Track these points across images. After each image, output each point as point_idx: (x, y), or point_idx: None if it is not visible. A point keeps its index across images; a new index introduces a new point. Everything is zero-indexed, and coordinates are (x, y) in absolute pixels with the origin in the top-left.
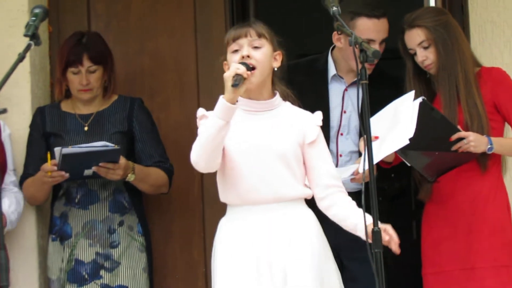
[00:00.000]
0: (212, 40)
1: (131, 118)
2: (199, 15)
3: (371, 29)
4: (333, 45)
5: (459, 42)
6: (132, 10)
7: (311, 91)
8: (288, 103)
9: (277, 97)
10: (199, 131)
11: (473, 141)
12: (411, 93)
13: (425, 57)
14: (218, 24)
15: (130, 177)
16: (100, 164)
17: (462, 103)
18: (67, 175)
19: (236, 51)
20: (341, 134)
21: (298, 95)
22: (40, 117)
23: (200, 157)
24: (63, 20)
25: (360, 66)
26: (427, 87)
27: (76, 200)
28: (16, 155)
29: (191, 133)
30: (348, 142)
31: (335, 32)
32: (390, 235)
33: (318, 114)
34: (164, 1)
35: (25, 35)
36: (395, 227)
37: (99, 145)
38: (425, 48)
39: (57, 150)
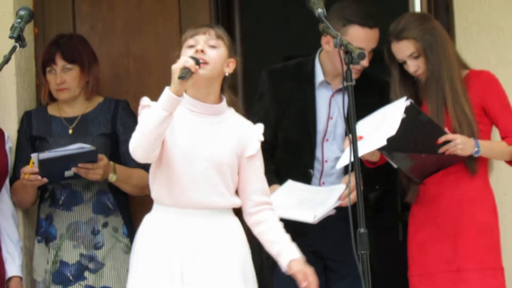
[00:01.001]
0: None
1: (115, 120)
2: (184, 17)
3: (362, 38)
4: (320, 49)
5: (445, 47)
6: (117, 12)
7: (298, 97)
8: (232, 110)
9: (223, 103)
10: (139, 119)
11: (460, 144)
12: (403, 99)
13: (417, 67)
14: None
15: (112, 177)
16: (79, 164)
17: (450, 110)
18: (44, 179)
19: (191, 46)
20: (327, 140)
21: (285, 101)
22: (26, 121)
23: (140, 146)
24: (48, 22)
25: (345, 68)
26: (413, 93)
27: (61, 202)
28: None
29: None
30: (333, 148)
31: (325, 37)
32: (309, 281)
33: (259, 127)
34: (149, 3)
35: (10, 37)
36: (381, 229)
37: (75, 147)
38: (416, 58)
39: (34, 156)
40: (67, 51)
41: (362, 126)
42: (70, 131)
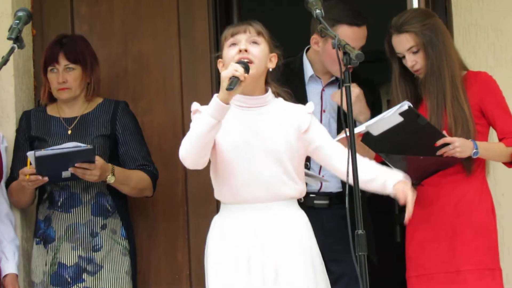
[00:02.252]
0: (195, 43)
1: (114, 121)
2: (182, 18)
3: (350, 37)
4: (307, 46)
5: (446, 45)
6: (115, 13)
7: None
8: (280, 99)
9: (269, 93)
10: (191, 125)
11: (459, 147)
12: (407, 102)
13: (415, 61)
14: (202, 27)
15: (110, 179)
16: (76, 164)
17: (448, 107)
18: (45, 178)
19: (233, 45)
20: None
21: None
22: (25, 121)
23: (189, 153)
24: (46, 23)
25: (343, 68)
26: (413, 89)
27: (59, 204)
28: None
29: (175, 136)
30: None
31: (314, 36)
32: (407, 199)
33: (310, 104)
34: (147, 4)
35: (9, 38)
36: (379, 231)
37: (71, 146)
38: (414, 53)
39: (30, 154)
40: (70, 51)
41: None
42: (69, 132)
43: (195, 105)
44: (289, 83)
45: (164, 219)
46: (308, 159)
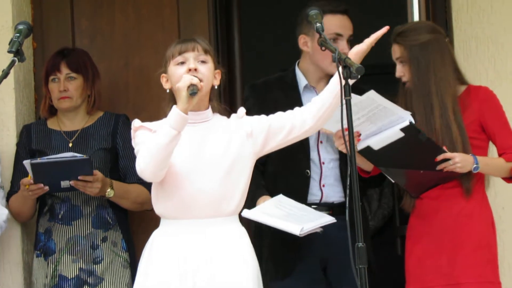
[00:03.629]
0: None
1: (115, 135)
2: (183, 31)
3: (337, 24)
4: (298, 60)
5: (437, 64)
6: (116, 26)
7: (285, 104)
8: (217, 114)
9: (210, 109)
10: (137, 140)
11: (459, 162)
12: (408, 117)
13: (402, 73)
14: None
15: (110, 193)
16: (79, 177)
17: (436, 123)
18: (46, 187)
19: (181, 63)
20: (321, 142)
21: (272, 110)
22: (26, 135)
23: (148, 165)
24: (47, 36)
25: (343, 82)
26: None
27: (60, 216)
28: (1, 171)
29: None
30: (328, 149)
31: (301, 36)
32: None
33: (240, 109)
34: (148, 17)
35: (9, 52)
36: (379, 243)
37: (67, 155)
38: (403, 64)
39: (26, 163)
40: (72, 60)
41: (362, 120)
42: (70, 145)
43: (137, 122)
44: (283, 93)
45: None
46: (308, 168)
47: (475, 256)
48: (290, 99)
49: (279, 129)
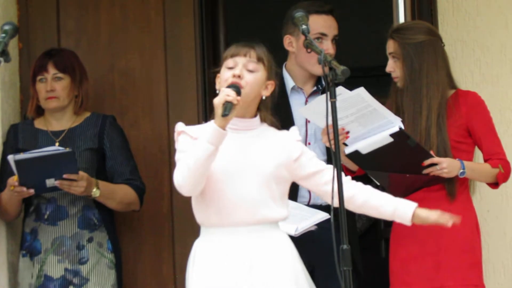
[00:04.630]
0: (181, 59)
1: (102, 135)
2: (168, 33)
3: (321, 24)
4: (285, 62)
5: (430, 67)
6: (102, 28)
7: (272, 106)
8: (265, 124)
9: (257, 118)
10: (178, 147)
11: (446, 168)
12: (399, 121)
13: (393, 68)
14: (188, 43)
15: (95, 193)
16: (64, 176)
17: (421, 127)
18: (31, 191)
19: (230, 68)
20: (309, 144)
21: None
22: (13, 134)
23: (186, 181)
24: (33, 37)
25: (330, 84)
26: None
27: (46, 216)
28: None
29: (161, 151)
30: (316, 151)
31: (286, 36)
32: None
33: (294, 129)
34: (133, 19)
35: None
36: (363, 246)
37: (50, 149)
38: (394, 60)
39: (10, 158)
40: (60, 60)
41: (351, 119)
42: (57, 144)
43: (180, 126)
44: (271, 97)
45: (149, 233)
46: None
47: (459, 259)
48: (278, 101)
49: (314, 181)
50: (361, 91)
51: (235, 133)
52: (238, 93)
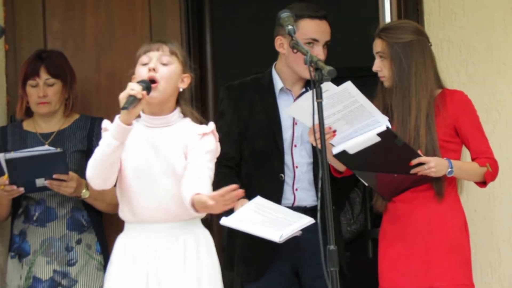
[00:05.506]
0: None
1: (91, 137)
2: (155, 34)
3: (314, 29)
4: (275, 62)
5: (419, 67)
6: (88, 29)
7: (260, 107)
8: (188, 119)
9: (174, 113)
10: (100, 143)
11: (434, 167)
12: (385, 121)
13: (380, 68)
14: None
15: (85, 194)
16: (54, 176)
17: (410, 127)
18: (21, 189)
19: (145, 64)
20: (295, 146)
21: (247, 112)
22: (1, 137)
23: (95, 174)
24: (19, 39)
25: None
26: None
27: (35, 218)
28: None
29: None
30: (303, 153)
31: (277, 38)
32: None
33: (209, 125)
34: (120, 20)
35: None
36: (350, 246)
37: (41, 149)
38: (382, 59)
39: (1, 156)
40: (52, 65)
41: (338, 116)
42: (41, 147)
43: (105, 123)
44: (259, 96)
45: None
46: (282, 172)
47: (448, 259)
48: (266, 101)
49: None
50: (348, 85)
51: (149, 131)
52: (148, 89)
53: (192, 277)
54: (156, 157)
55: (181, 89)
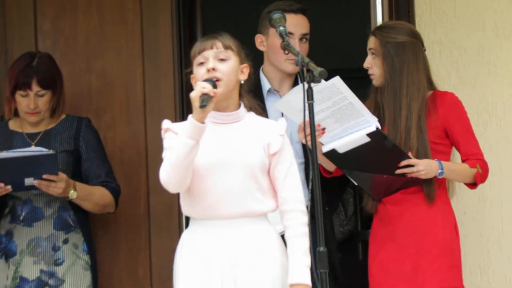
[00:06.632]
0: (159, 60)
1: (77, 138)
2: (146, 35)
3: (288, 22)
4: (262, 65)
5: (411, 68)
6: (79, 29)
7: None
8: (252, 113)
9: (242, 108)
10: (164, 144)
11: (423, 170)
12: (374, 122)
13: (370, 65)
14: (165, 45)
15: (73, 195)
16: (44, 176)
17: (401, 128)
18: (9, 187)
19: (201, 63)
20: None
21: None
22: None
23: (171, 177)
24: (10, 39)
25: (306, 86)
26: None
27: (21, 218)
28: None
29: (138, 152)
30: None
31: (257, 36)
32: None
33: (282, 122)
34: (111, 21)
35: None
36: (341, 249)
37: (34, 150)
38: (373, 56)
39: None
40: (44, 78)
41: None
42: (33, 147)
43: (166, 123)
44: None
45: (126, 235)
46: None
47: (438, 261)
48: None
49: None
50: (337, 80)
51: (218, 127)
52: (214, 86)
53: (267, 274)
54: (229, 151)
55: (242, 82)
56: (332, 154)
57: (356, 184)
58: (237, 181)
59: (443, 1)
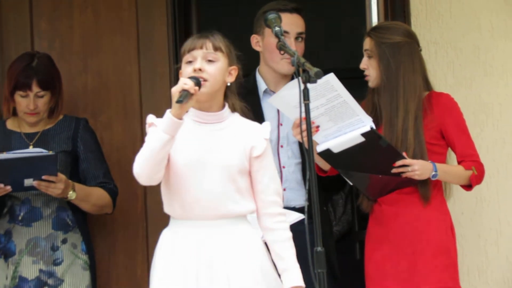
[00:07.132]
0: (155, 59)
1: (75, 138)
2: (142, 34)
3: (283, 21)
4: (258, 66)
5: (407, 69)
6: (75, 30)
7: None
8: (236, 114)
9: (226, 109)
10: (146, 139)
11: (418, 170)
12: (368, 122)
13: (366, 66)
14: (161, 44)
15: (71, 196)
16: (43, 177)
17: (398, 128)
18: (8, 187)
19: (190, 62)
20: (281, 146)
21: None
22: None
23: (143, 169)
24: (6, 39)
25: (303, 86)
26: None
27: (20, 218)
28: None
29: (134, 152)
30: (289, 153)
31: (253, 36)
32: None
33: (266, 126)
34: (107, 20)
35: None
36: (338, 249)
37: (34, 151)
38: (369, 58)
39: None
40: (44, 79)
41: (321, 111)
42: (31, 147)
43: (150, 118)
44: (243, 99)
45: (123, 235)
46: None
47: (434, 261)
48: (250, 104)
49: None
50: (331, 77)
51: (200, 126)
52: (198, 84)
53: (246, 274)
54: (210, 151)
55: (228, 83)
56: (326, 154)
57: (351, 183)
58: (215, 181)
59: (439, 1)
